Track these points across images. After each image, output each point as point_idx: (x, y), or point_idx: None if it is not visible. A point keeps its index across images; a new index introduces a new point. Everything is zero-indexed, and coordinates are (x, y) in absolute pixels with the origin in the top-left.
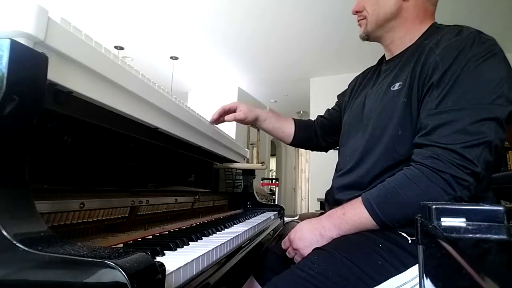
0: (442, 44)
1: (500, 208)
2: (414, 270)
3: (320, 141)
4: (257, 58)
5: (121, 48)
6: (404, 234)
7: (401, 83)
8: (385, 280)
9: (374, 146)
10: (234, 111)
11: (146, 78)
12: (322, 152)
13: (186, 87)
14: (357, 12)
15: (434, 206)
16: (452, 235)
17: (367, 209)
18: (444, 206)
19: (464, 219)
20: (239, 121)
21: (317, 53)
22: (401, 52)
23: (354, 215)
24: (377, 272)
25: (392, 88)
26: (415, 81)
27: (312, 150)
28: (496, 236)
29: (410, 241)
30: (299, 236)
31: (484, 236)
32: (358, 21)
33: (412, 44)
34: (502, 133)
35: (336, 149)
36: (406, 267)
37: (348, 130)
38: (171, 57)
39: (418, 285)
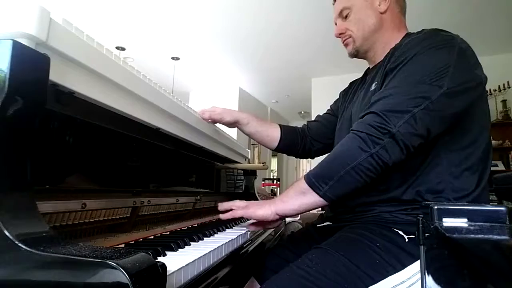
0: (405, 41)
1: (502, 208)
2: (411, 269)
3: (313, 143)
4: (259, 58)
5: (123, 49)
6: (401, 233)
7: (376, 82)
8: (382, 279)
9: None
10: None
11: (148, 78)
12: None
13: (187, 88)
14: (340, 34)
15: (436, 207)
16: (454, 235)
17: (304, 179)
18: (446, 207)
19: (466, 220)
20: (217, 121)
21: (319, 53)
22: (381, 60)
23: (295, 185)
24: (374, 271)
25: (370, 89)
26: (382, 78)
27: (296, 156)
28: (498, 237)
29: (407, 240)
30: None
31: (486, 236)
32: (344, 41)
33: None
34: (432, 110)
35: None
36: (403, 265)
37: (341, 135)
38: (173, 58)
39: (416, 283)
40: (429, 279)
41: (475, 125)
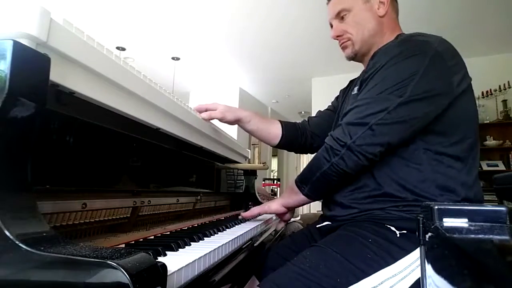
0: (382, 48)
1: (503, 208)
2: (403, 262)
3: (315, 138)
4: (259, 58)
5: (123, 49)
6: (393, 228)
7: (358, 87)
8: (374, 272)
9: None
10: (213, 111)
11: (148, 78)
12: None
13: (187, 88)
14: (338, 36)
15: (436, 207)
16: (455, 235)
17: (295, 180)
18: (447, 207)
19: (466, 220)
20: (219, 119)
21: (319, 53)
22: None
23: (291, 184)
24: (366, 265)
25: (352, 93)
26: (360, 84)
27: (296, 152)
28: (498, 237)
29: (398, 235)
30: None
31: (486, 236)
32: (342, 43)
33: None
34: (392, 119)
35: None
36: (395, 259)
37: None
38: (173, 58)
39: (408, 276)
40: (429, 279)
41: (457, 125)
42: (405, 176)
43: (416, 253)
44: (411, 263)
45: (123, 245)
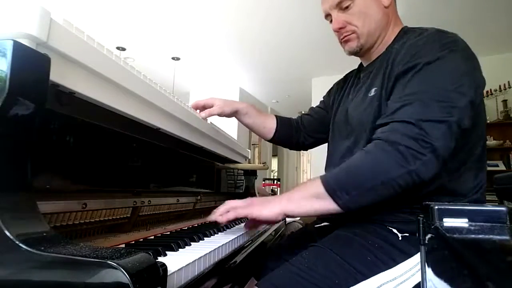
0: (407, 44)
1: (503, 208)
2: (404, 266)
3: (306, 138)
4: (259, 58)
5: (123, 49)
6: (395, 231)
7: (376, 88)
8: (374, 275)
9: (356, 149)
10: (210, 107)
11: (148, 79)
12: (324, 153)
13: (187, 88)
14: (340, 28)
15: (436, 207)
16: (455, 235)
17: (322, 183)
18: (447, 207)
19: (466, 220)
20: (217, 115)
21: (319, 53)
22: (376, 58)
23: (308, 186)
24: (366, 267)
25: (369, 95)
26: (386, 83)
27: (290, 148)
28: (498, 237)
29: (400, 238)
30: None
31: (486, 236)
32: (345, 37)
33: (385, 49)
34: (463, 120)
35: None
36: (396, 262)
37: (335, 132)
38: (173, 58)
39: (408, 280)
40: (429, 280)
41: (474, 129)
42: (419, 189)
43: (417, 257)
44: (411, 267)
45: (123, 245)
